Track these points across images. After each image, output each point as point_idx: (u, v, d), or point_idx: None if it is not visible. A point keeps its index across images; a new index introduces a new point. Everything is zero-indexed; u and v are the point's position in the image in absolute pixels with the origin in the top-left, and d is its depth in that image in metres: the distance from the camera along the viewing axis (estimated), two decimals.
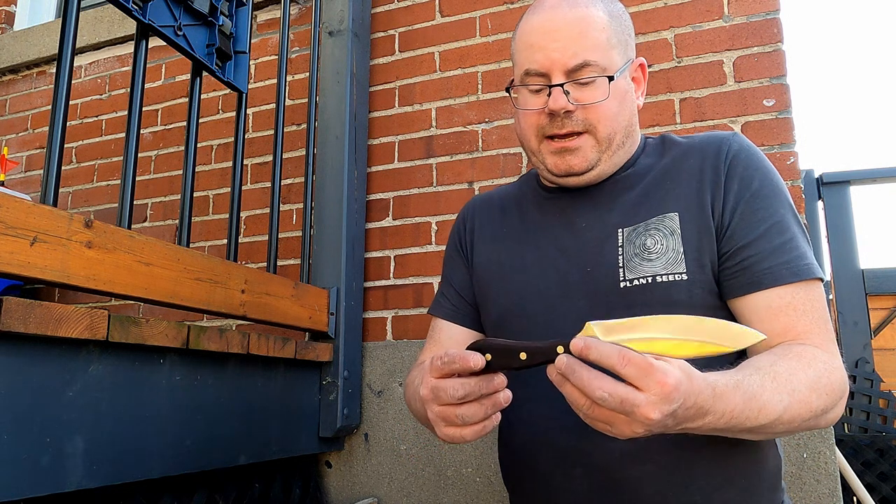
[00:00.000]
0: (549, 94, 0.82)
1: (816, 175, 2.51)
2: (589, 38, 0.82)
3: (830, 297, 2.45)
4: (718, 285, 0.81)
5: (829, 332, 0.77)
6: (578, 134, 0.84)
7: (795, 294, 0.77)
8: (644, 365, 0.56)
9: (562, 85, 0.82)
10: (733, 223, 0.80)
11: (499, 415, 0.67)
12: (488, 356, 0.64)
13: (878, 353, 2.42)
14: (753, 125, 1.40)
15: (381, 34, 1.82)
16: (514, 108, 0.91)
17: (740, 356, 0.72)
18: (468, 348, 0.66)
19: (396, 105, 1.76)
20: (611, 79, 0.82)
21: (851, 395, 2.33)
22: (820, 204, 2.51)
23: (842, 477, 1.83)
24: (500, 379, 0.66)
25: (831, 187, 2.50)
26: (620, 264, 0.82)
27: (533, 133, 0.87)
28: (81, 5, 0.96)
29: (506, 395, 0.66)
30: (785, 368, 0.69)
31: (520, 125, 0.90)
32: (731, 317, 0.81)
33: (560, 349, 0.62)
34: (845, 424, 2.33)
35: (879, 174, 2.49)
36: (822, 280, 0.79)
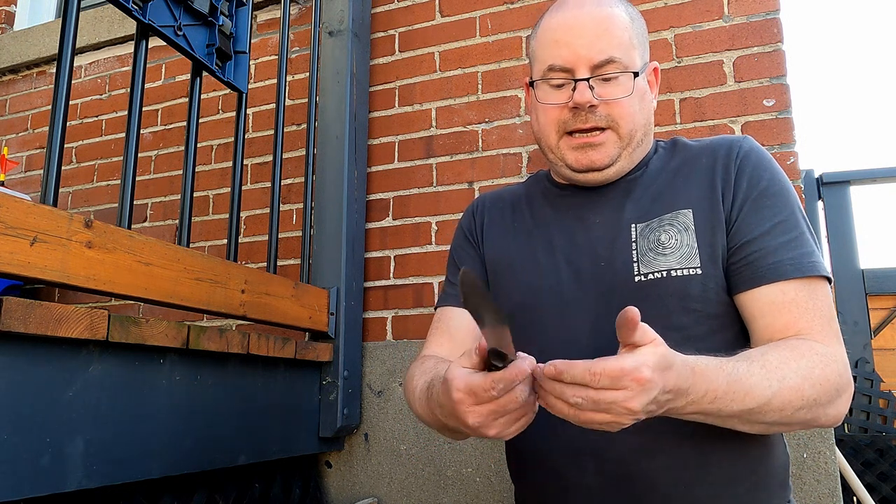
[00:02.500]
0: (574, 89, 0.83)
1: (816, 175, 2.51)
2: (614, 36, 0.84)
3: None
4: (727, 281, 0.82)
5: (833, 329, 0.77)
6: (601, 130, 0.84)
7: (799, 290, 0.77)
8: (615, 372, 0.57)
9: (587, 79, 0.83)
10: (740, 219, 0.81)
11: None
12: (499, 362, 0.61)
13: (878, 353, 2.42)
14: (753, 125, 1.40)
15: (381, 34, 1.82)
16: (535, 103, 0.90)
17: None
18: (491, 353, 0.61)
19: (396, 105, 1.76)
20: (636, 75, 0.84)
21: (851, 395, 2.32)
22: (820, 204, 2.51)
23: (842, 477, 1.83)
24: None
25: (831, 187, 2.50)
26: (635, 259, 0.83)
27: (553, 128, 0.87)
28: (81, 5, 0.96)
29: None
30: (776, 357, 0.71)
31: (538, 121, 0.90)
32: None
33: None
34: (845, 424, 2.33)
35: (879, 174, 2.49)
36: (828, 279, 0.80)
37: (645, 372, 0.58)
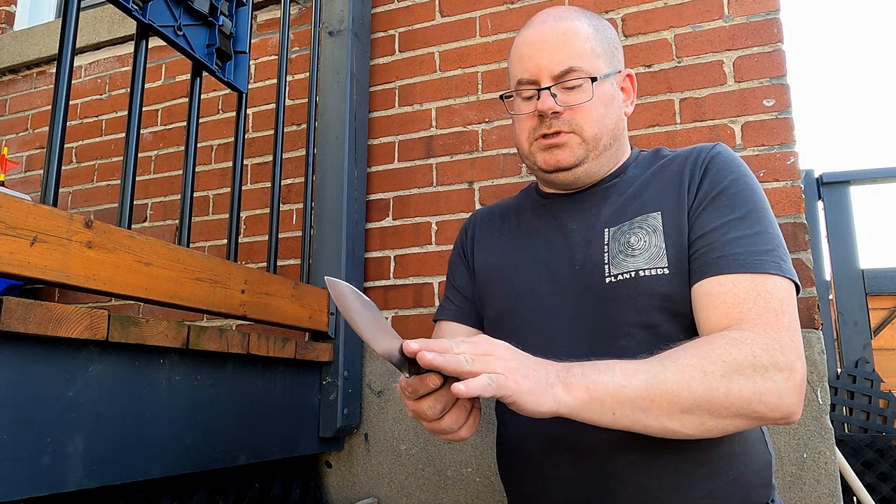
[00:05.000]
0: (538, 98, 0.90)
1: (816, 175, 2.51)
2: (574, 46, 0.90)
3: (830, 297, 2.45)
4: None
5: (780, 322, 0.74)
6: (566, 133, 0.90)
7: (738, 283, 0.77)
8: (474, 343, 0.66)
9: (549, 88, 0.89)
10: (697, 215, 0.84)
11: (478, 410, 0.73)
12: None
13: (878, 353, 2.41)
14: (753, 125, 1.40)
15: (381, 34, 1.82)
16: (512, 116, 0.97)
17: None
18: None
19: (396, 105, 1.76)
20: (594, 80, 0.89)
21: (851, 395, 2.33)
22: (820, 204, 2.50)
23: (842, 477, 1.83)
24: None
25: (831, 187, 2.50)
26: (606, 261, 0.86)
27: (525, 136, 0.94)
28: (81, 5, 0.96)
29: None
30: (671, 353, 0.72)
31: (514, 131, 0.97)
32: None
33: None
34: (845, 424, 2.33)
35: (879, 174, 2.48)
36: (781, 277, 0.77)
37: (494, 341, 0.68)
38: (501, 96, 0.98)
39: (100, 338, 0.86)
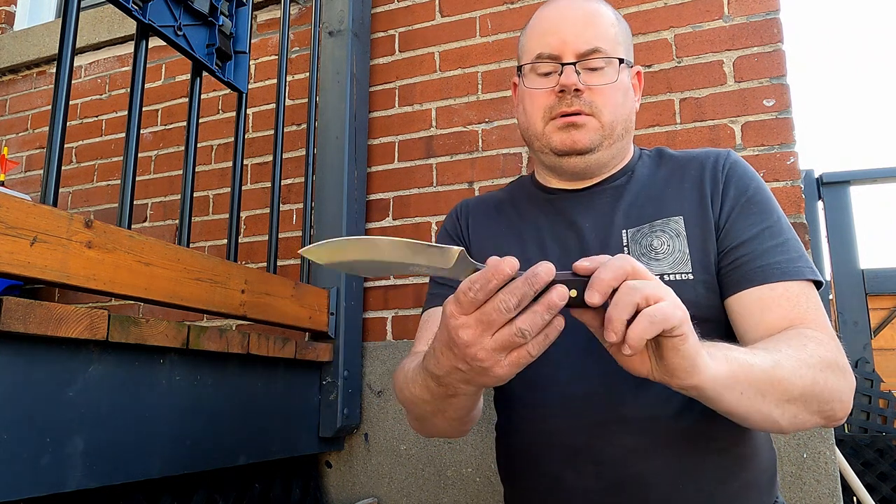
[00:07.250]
0: (561, 73, 0.86)
1: (816, 175, 2.51)
2: (600, 28, 0.87)
3: (830, 297, 2.45)
4: (718, 286, 0.83)
5: (825, 323, 0.78)
6: (586, 115, 0.87)
7: (789, 288, 0.78)
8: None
9: (574, 64, 0.86)
10: (728, 224, 0.83)
11: (560, 320, 0.58)
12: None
13: (878, 353, 2.41)
14: (753, 125, 1.40)
15: (381, 34, 1.82)
16: (522, 93, 0.92)
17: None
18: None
19: (396, 105, 1.76)
20: (621, 61, 0.87)
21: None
22: (820, 204, 2.50)
23: (842, 477, 1.83)
24: (546, 268, 0.55)
25: (831, 187, 2.50)
26: None
27: (540, 114, 0.89)
28: (81, 5, 0.96)
29: (560, 294, 0.56)
30: (773, 342, 0.72)
31: (525, 109, 0.92)
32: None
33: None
34: (845, 424, 2.33)
35: (879, 174, 2.49)
36: (817, 283, 0.80)
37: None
38: (518, 69, 0.92)
39: (100, 338, 0.86)
